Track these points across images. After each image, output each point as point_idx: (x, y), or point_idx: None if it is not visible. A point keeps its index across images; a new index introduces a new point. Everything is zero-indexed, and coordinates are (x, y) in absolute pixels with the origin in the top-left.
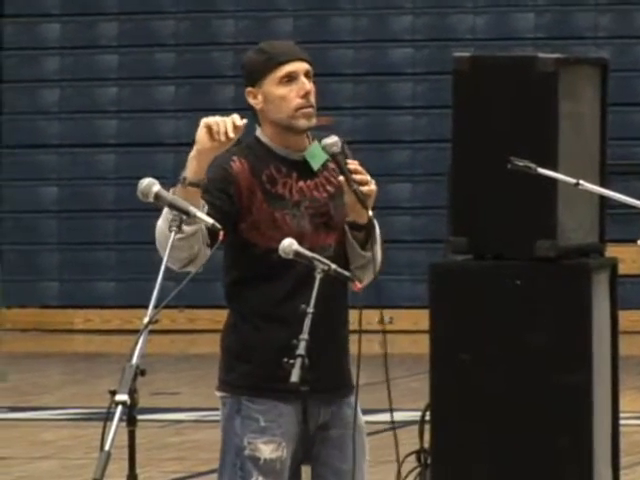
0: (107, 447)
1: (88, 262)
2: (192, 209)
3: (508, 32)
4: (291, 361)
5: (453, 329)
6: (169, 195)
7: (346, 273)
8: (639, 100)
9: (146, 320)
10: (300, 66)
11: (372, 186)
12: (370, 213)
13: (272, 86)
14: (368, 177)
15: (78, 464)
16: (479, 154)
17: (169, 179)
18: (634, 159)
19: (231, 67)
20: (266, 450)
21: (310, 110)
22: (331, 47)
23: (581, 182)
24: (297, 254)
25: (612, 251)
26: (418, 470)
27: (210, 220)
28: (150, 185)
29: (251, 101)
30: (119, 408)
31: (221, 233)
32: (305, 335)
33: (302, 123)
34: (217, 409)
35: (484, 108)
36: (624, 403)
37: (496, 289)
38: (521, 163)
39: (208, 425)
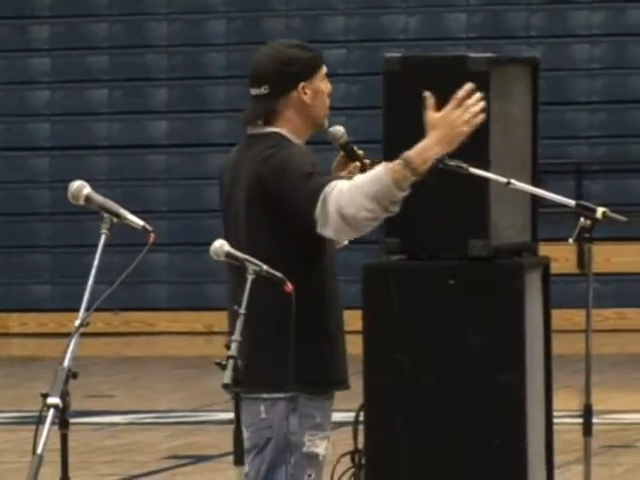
0: (39, 451)
1: (23, 265)
2: (122, 211)
3: (440, 32)
4: (223, 362)
5: (387, 329)
6: (100, 198)
7: (277, 274)
8: (571, 99)
9: (77, 323)
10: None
11: None
12: None
13: (320, 82)
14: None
15: (11, 468)
16: None
17: (103, 181)
18: (567, 158)
19: (165, 70)
20: (322, 446)
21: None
22: None
23: (512, 181)
24: (228, 255)
25: (545, 250)
26: (352, 471)
27: (141, 222)
28: (80, 188)
29: (302, 96)
30: (51, 411)
31: (152, 235)
32: (237, 336)
33: (326, 123)
34: (151, 412)
35: (415, 108)
36: (558, 402)
37: (429, 289)
38: (452, 163)
39: (143, 428)
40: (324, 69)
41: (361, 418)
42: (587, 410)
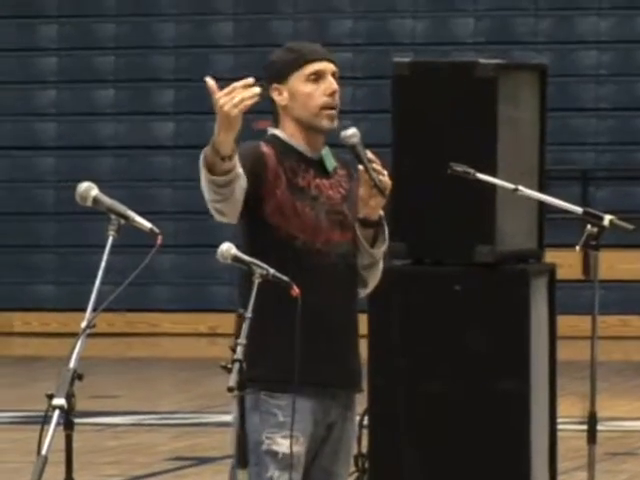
0: (44, 451)
1: (27, 265)
2: (130, 213)
3: (448, 37)
4: (229, 365)
5: (392, 334)
6: (107, 199)
7: (285, 278)
8: (578, 105)
9: (84, 324)
10: (327, 66)
11: (387, 178)
12: (381, 212)
13: (299, 83)
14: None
15: (14, 468)
16: (419, 159)
17: (108, 182)
18: (573, 164)
19: (172, 70)
20: (285, 444)
21: (333, 112)
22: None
23: (520, 188)
24: (235, 258)
25: (550, 256)
26: (356, 475)
27: (148, 224)
28: (88, 189)
29: (276, 97)
30: (56, 412)
31: (159, 237)
32: (243, 340)
33: (325, 124)
34: (155, 413)
35: (424, 113)
36: (562, 408)
37: (435, 294)
38: (460, 168)
39: (146, 429)
40: (310, 68)
41: (365, 422)
42: (592, 418)
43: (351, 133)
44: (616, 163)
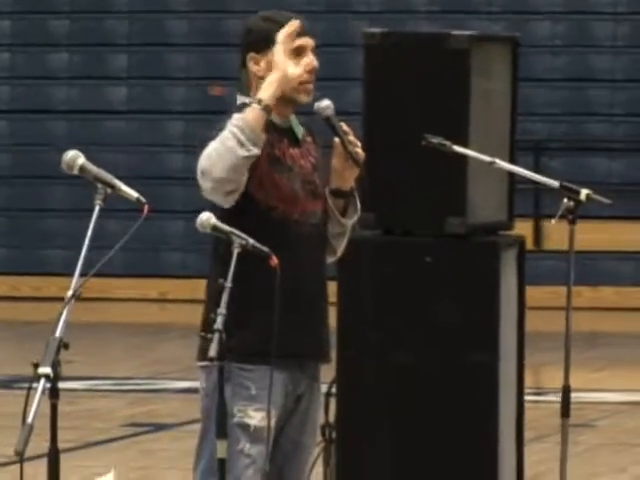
0: (30, 419)
1: None
2: (117, 182)
3: (403, 5)
4: (209, 335)
5: (361, 305)
6: (94, 168)
7: (264, 249)
8: (532, 76)
9: (70, 292)
10: (308, 42)
11: (361, 150)
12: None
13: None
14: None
15: None
16: (389, 130)
17: (61, 146)
18: (526, 134)
19: (125, 35)
20: (257, 417)
21: (311, 86)
22: (223, 18)
23: (496, 161)
24: (215, 228)
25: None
26: (323, 445)
27: (135, 194)
28: (75, 157)
29: (252, 67)
30: (42, 381)
31: (146, 207)
32: (223, 309)
33: (303, 98)
34: (109, 378)
35: (395, 84)
36: None
37: (404, 265)
38: (436, 140)
39: (101, 394)
40: (294, 43)
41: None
42: (565, 391)
43: (325, 105)
44: (569, 134)
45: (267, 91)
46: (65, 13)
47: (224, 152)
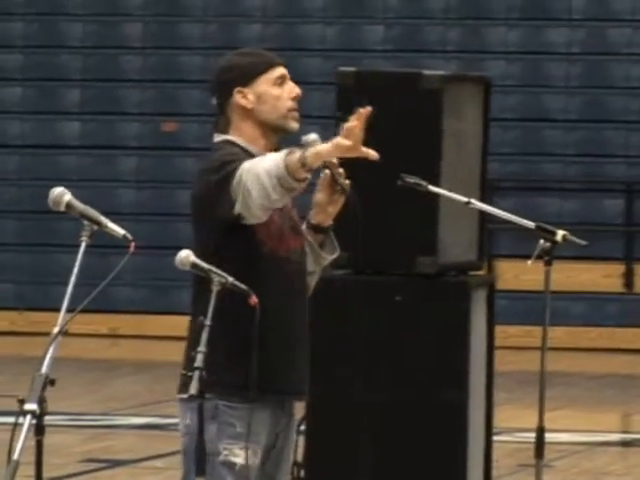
0: (15, 456)
1: None
2: (103, 219)
3: (357, 44)
4: (189, 373)
5: (332, 343)
6: (80, 205)
7: (243, 287)
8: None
9: (57, 328)
10: (286, 71)
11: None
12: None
13: (267, 86)
14: None
15: None
16: (361, 169)
17: (15, 180)
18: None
19: (79, 70)
20: (242, 455)
21: (297, 114)
22: (177, 54)
23: (472, 201)
24: (194, 265)
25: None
26: None
27: (122, 231)
28: (62, 194)
29: (240, 101)
30: (28, 417)
31: (132, 244)
32: (202, 347)
33: (293, 125)
34: (64, 414)
35: (368, 123)
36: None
37: (376, 304)
38: (412, 180)
39: (57, 430)
40: (276, 73)
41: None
42: (540, 431)
43: (313, 138)
44: (521, 173)
45: (330, 149)
46: (18, 47)
47: (265, 188)
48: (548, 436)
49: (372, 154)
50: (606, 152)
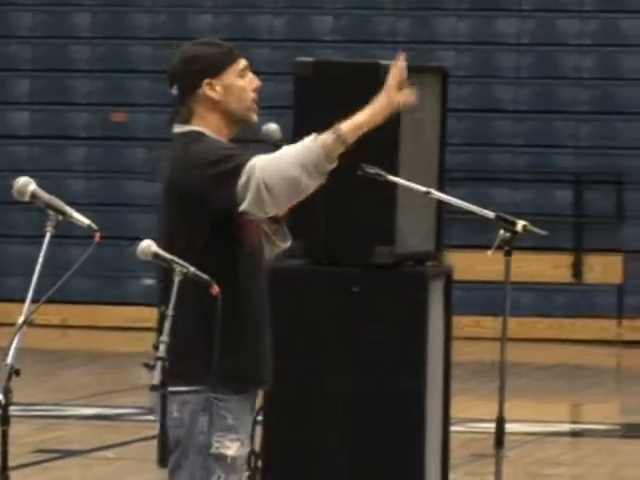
0: None
1: None
2: (68, 209)
3: (306, 34)
4: (151, 363)
5: (289, 334)
6: (45, 195)
7: (204, 276)
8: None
9: (21, 318)
10: (247, 62)
11: None
12: None
13: (234, 77)
14: None
15: None
16: None
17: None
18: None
19: (28, 60)
20: (233, 447)
21: (256, 106)
22: (125, 44)
23: (431, 191)
24: (155, 255)
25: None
26: (248, 473)
27: (87, 221)
28: (26, 184)
29: (208, 92)
30: None
31: (97, 234)
32: (165, 337)
33: (254, 116)
34: (16, 404)
35: (326, 113)
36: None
37: (332, 295)
38: (372, 170)
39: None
40: (240, 64)
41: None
42: (500, 421)
43: (274, 129)
44: (471, 164)
45: (367, 117)
46: None
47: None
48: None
49: (410, 98)
50: (555, 143)
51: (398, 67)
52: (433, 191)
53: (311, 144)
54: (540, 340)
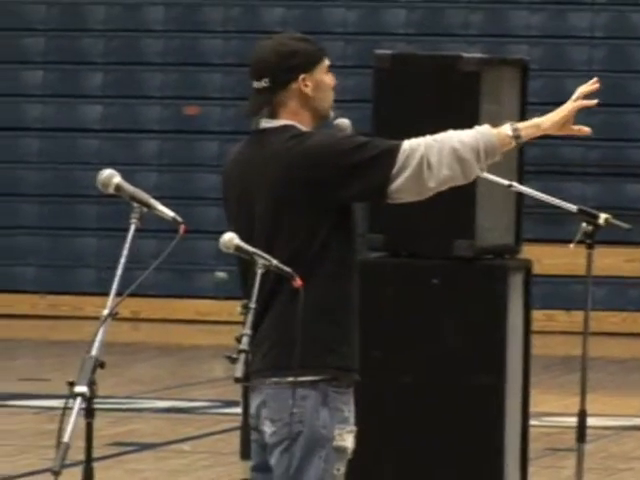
0: (66, 439)
1: None
2: (153, 201)
3: (378, 27)
4: (234, 355)
5: (367, 326)
6: (130, 187)
7: (286, 269)
8: None
9: (106, 311)
10: None
11: None
12: None
13: (323, 74)
14: None
15: None
16: None
17: (35, 163)
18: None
19: (101, 54)
20: (349, 439)
21: None
22: (201, 37)
23: (514, 184)
24: (238, 248)
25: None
26: None
27: (171, 213)
28: (111, 176)
29: (303, 88)
30: (78, 400)
31: (182, 227)
32: (248, 330)
33: (331, 114)
34: (98, 396)
35: (405, 106)
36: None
37: (411, 287)
38: None
39: (81, 413)
40: (326, 62)
41: None
42: (582, 415)
43: (347, 124)
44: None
45: (529, 129)
46: (41, 31)
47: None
48: (572, 421)
49: (585, 130)
50: (628, 136)
51: (589, 90)
52: (515, 184)
53: (486, 130)
54: (614, 334)
